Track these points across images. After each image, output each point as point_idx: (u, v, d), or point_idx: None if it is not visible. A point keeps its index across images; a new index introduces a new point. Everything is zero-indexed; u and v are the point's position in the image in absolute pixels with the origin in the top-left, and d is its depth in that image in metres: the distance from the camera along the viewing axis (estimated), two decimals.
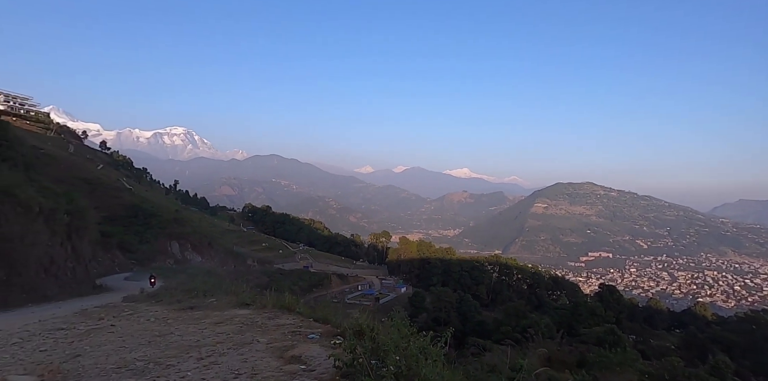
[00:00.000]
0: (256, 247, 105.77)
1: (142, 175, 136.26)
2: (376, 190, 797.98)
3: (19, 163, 28.41)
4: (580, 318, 54.33)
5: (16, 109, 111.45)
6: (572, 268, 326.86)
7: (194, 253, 72.68)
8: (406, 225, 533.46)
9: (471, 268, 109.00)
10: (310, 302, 12.10)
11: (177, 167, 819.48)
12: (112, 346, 6.69)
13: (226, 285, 16.79)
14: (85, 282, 24.16)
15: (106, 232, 47.80)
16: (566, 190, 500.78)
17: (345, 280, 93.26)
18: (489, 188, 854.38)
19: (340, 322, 7.31)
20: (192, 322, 8.42)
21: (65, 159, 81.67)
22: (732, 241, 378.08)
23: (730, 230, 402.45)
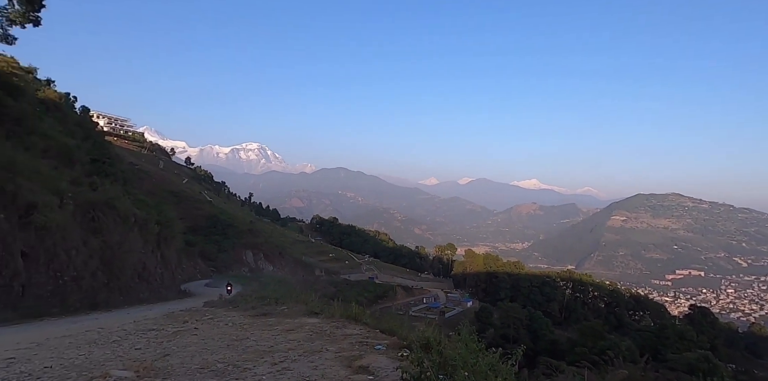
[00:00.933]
0: (324, 257, 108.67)
1: (220, 188, 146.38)
2: (440, 201, 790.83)
3: (118, 178, 31.83)
4: (667, 342, 49.59)
5: (116, 129, 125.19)
6: (656, 287, 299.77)
7: (266, 262, 76.37)
8: (472, 237, 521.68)
9: (541, 283, 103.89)
10: (375, 313, 12.23)
11: (251, 180, 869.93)
12: (196, 347, 7.21)
13: (296, 293, 17.40)
14: (172, 287, 26.25)
15: (190, 241, 51.74)
16: (648, 202, 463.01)
17: (410, 293, 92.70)
18: (560, 200, 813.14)
19: (406, 334, 7.32)
20: (266, 328, 8.85)
21: (156, 174, 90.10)
22: None
23: None
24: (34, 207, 13.42)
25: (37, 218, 13.46)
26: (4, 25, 19.57)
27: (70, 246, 15.58)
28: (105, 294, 17.48)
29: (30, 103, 23.57)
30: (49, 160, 18.61)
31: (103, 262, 17.89)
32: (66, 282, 15.08)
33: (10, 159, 14.24)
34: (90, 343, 7.69)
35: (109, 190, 21.25)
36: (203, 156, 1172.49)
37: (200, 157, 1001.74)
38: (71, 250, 15.63)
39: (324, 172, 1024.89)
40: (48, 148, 20.00)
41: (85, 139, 29.37)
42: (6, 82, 21.05)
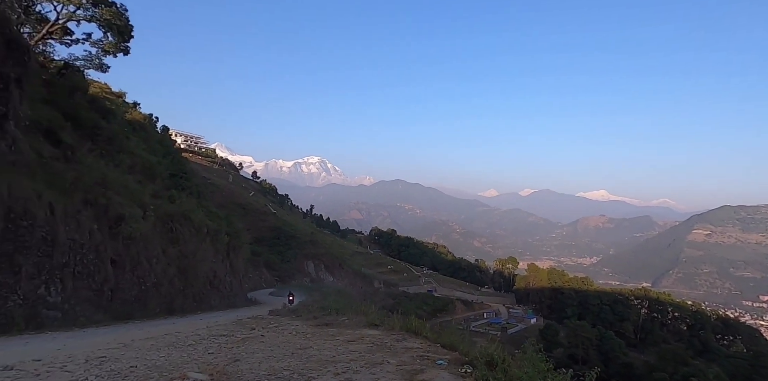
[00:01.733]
0: (382, 269, 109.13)
1: (284, 201, 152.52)
2: (501, 214, 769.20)
3: (193, 192, 34.25)
4: (763, 371, 44.24)
5: (192, 146, 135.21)
6: (749, 309, 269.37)
7: (327, 272, 78.06)
8: (535, 251, 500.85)
9: (613, 301, 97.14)
10: (435, 327, 12.06)
11: (312, 193, 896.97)
12: (263, 354, 7.51)
13: (356, 305, 17.60)
14: (239, 295, 27.57)
15: (255, 251, 54.16)
16: (736, 215, 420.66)
17: (469, 307, 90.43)
18: (632, 212, 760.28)
19: (468, 349, 7.15)
20: (328, 338, 9.02)
21: (226, 187, 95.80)
22: None
23: None
24: (122, 218, 14.76)
25: (124, 229, 14.78)
26: (100, 55, 22.06)
27: (151, 254, 16.92)
28: (181, 300, 18.73)
29: (119, 124, 26.16)
30: (135, 176, 20.45)
31: (180, 270, 19.22)
32: (148, 288, 16.35)
33: (102, 175, 15.83)
34: (169, 346, 8.25)
35: (185, 203, 22.92)
36: (268, 170, 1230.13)
37: (265, 171, 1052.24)
38: (152, 259, 16.97)
39: (382, 184, 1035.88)
40: (134, 164, 22.00)
41: (165, 156, 31.98)
42: (100, 106, 23.57)
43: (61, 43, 21.11)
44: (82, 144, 16.81)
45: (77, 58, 21.89)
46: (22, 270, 10.04)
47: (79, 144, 16.32)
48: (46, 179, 11.94)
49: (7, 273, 9.71)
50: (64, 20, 19.85)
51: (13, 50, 11.15)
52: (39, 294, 10.61)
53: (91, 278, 12.77)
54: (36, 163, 12.17)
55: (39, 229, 10.65)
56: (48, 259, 10.90)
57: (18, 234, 10.05)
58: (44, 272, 10.78)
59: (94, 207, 13.65)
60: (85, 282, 12.49)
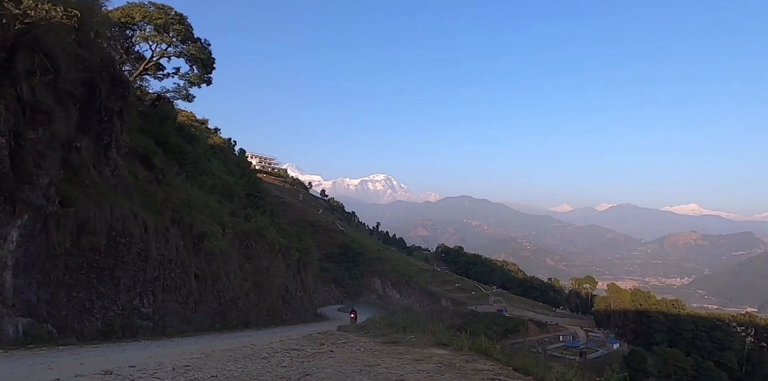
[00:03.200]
0: (449, 287, 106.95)
1: (351, 218, 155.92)
2: (575, 230, 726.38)
3: (266, 210, 36.20)
4: None
5: (265, 167, 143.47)
6: None
7: (393, 289, 78.04)
8: (615, 270, 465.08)
9: (710, 327, 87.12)
10: (506, 349, 11.54)
11: (378, 210, 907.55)
12: (332, 370, 7.63)
13: (423, 323, 17.37)
14: (309, 310, 28.36)
15: (324, 267, 55.63)
16: None
17: (543, 329, 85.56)
18: (730, 228, 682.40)
19: (543, 374, 6.78)
20: (395, 356, 8.97)
21: (296, 205, 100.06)
22: None
23: None
24: (205, 236, 15.93)
25: (206, 245, 15.93)
26: (186, 87, 24.41)
27: (229, 270, 18.01)
28: (255, 313, 19.64)
29: (202, 149, 28.51)
30: (215, 196, 22.07)
31: (255, 284, 20.23)
32: (226, 301, 17.37)
33: (188, 196, 17.27)
34: (245, 358, 8.66)
35: (259, 221, 24.27)
36: (336, 188, 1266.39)
37: (333, 189, 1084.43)
38: (230, 274, 18.04)
39: (448, 200, 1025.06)
40: (214, 185, 23.78)
41: (242, 177, 34.24)
42: (186, 133, 25.94)
43: (155, 78, 23.70)
44: (171, 167, 18.52)
45: (168, 90, 24.43)
46: (120, 283, 11.16)
47: (168, 167, 18.00)
48: (140, 200, 13.28)
49: (109, 285, 10.82)
50: (157, 57, 22.31)
51: (116, 86, 12.69)
52: (134, 305, 11.68)
53: (178, 291, 13.84)
54: (133, 185, 13.58)
55: (135, 245, 11.81)
56: (142, 272, 12.02)
57: (118, 250, 11.21)
58: (139, 285, 11.88)
59: (180, 225, 14.89)
60: (173, 295, 13.56)
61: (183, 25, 21.50)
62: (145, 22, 20.71)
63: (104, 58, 12.29)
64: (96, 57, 11.63)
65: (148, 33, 21.10)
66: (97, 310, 10.50)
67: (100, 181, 11.67)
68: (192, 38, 22.27)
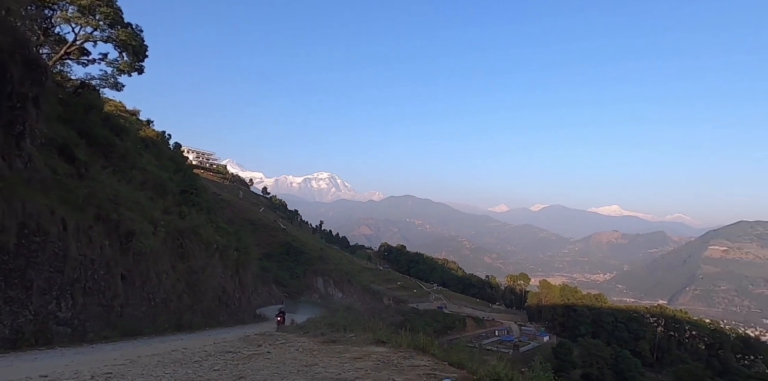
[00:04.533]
0: (391, 285, 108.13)
1: (293, 217, 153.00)
2: (511, 229, 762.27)
3: (203, 208, 34.57)
4: None
5: (203, 162, 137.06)
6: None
7: (336, 288, 77.60)
8: (546, 267, 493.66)
9: (628, 319, 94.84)
10: (444, 345, 11.87)
11: (322, 209, 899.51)
12: (269, 371, 7.45)
13: (364, 321, 17.44)
14: (248, 311, 27.49)
15: (265, 267, 54.16)
16: (754, 230, 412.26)
17: (480, 324, 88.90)
18: (646, 228, 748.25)
19: (476, 368, 7.03)
20: (334, 355, 8.93)
21: (236, 203, 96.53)
22: None
23: None
24: (133, 234, 14.93)
25: (135, 244, 14.94)
26: (115, 75, 22.70)
27: (161, 270, 17.02)
28: (189, 316, 18.72)
29: (133, 142, 26.69)
30: (146, 192, 20.74)
31: (189, 285, 19.27)
32: (157, 303, 16.39)
33: (115, 191, 16.10)
34: (175, 362, 8.23)
35: (195, 219, 23.13)
36: (278, 186, 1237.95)
37: (276, 187, 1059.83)
38: (162, 274, 17.06)
39: (392, 199, 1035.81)
40: (146, 180, 22.35)
41: (177, 172, 32.43)
42: (114, 124, 24.12)
43: (78, 63, 21.78)
44: (96, 161, 17.17)
45: (93, 77, 22.53)
46: (33, 285, 10.16)
47: (92, 161, 16.66)
48: (59, 195, 12.17)
49: (19, 288, 9.83)
50: (81, 41, 20.52)
51: (31, 70, 11.53)
52: (50, 309, 10.69)
53: (101, 294, 12.86)
54: (50, 180, 12.43)
55: (51, 244, 10.81)
56: (59, 274, 11.03)
57: (31, 249, 10.21)
58: (55, 288, 10.89)
59: (105, 223, 13.84)
60: (96, 298, 12.57)
61: (111, 7, 19.89)
62: (67, 2, 18.97)
63: (17, 39, 11.13)
64: (7, 37, 10.51)
65: (70, 14, 19.32)
66: (4, 316, 9.51)
67: (11, 174, 10.57)
68: (122, 23, 20.69)
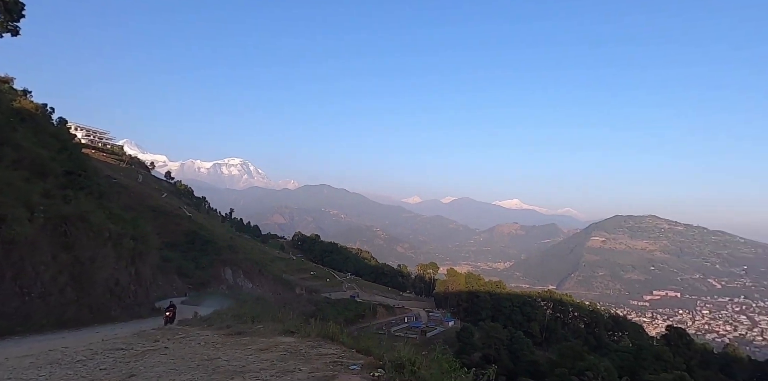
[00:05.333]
0: (305, 275, 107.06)
1: (201, 204, 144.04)
2: (423, 220, 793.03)
3: (94, 192, 31.03)
4: (644, 363, 49.90)
5: (95, 142, 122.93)
6: (635, 308, 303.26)
7: (246, 279, 74.79)
8: (454, 256, 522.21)
9: (522, 303, 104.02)
10: (354, 333, 12.03)
11: (233, 196, 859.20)
12: (164, 367, 6.97)
13: (273, 312, 17.07)
14: (145, 304, 25.43)
15: (167, 257, 50.47)
16: (626, 224, 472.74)
17: (391, 312, 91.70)
18: (541, 220, 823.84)
19: (383, 354, 7.21)
20: (239, 347, 8.61)
21: (134, 188, 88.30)
22: None
23: None
24: (2, 220, 12.99)
25: (6, 232, 13.01)
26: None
27: (38, 261, 15.06)
28: (74, 311, 16.84)
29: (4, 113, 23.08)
30: (21, 172, 18.12)
31: (74, 277, 17.29)
32: (33, 298, 14.51)
33: None
34: (52, 363, 7.37)
35: (83, 204, 20.70)
36: (184, 171, 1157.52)
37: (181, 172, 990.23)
38: (39, 266, 15.10)
39: (307, 188, 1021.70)
40: (20, 159, 19.51)
41: (61, 151, 28.71)
42: None
43: None
44: None
45: None
46: None
47: None
48: None
49: None
50: None
51: None
52: None
53: None
54: None
55: None
56: None
57: None
58: None
59: None
60: None
61: None
62: None
63: None
64: None
65: None
66: None
67: None
68: None
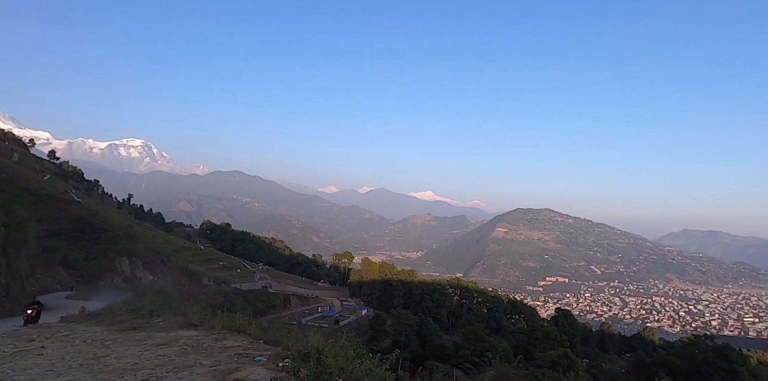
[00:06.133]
0: (213, 265, 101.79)
1: (93, 188, 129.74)
2: (340, 210, 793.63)
3: None
4: (536, 342, 55.03)
5: None
6: (531, 293, 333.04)
7: (145, 271, 69.19)
8: (370, 246, 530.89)
9: (432, 290, 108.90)
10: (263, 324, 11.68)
11: (133, 180, 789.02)
12: (39, 369, 6.17)
13: (176, 305, 16.04)
14: (20, 300, 22.44)
15: (49, 246, 45.01)
16: (526, 216, 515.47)
17: (305, 302, 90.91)
18: (452, 212, 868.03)
19: (292, 344, 7.08)
20: (132, 343, 7.91)
21: (7, 167, 76.86)
22: (677, 268, 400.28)
23: (675, 258, 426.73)
24: None
25: None
26: None
27: None
28: None
29: None
30: None
31: None
32: None
33: None
34: None
35: None
36: (73, 150, 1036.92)
37: (69, 152, 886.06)
38: None
39: (218, 174, 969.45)
40: None
41: None
42: None
43: None
44: None
45: None
46: None
47: None
48: None
49: None
50: None
51: None
52: None
53: None
54: None
55: None
56: None
57: None
58: None
59: None
60: None
61: None
62: None
63: None
64: None
65: None
66: None
67: None
68: None
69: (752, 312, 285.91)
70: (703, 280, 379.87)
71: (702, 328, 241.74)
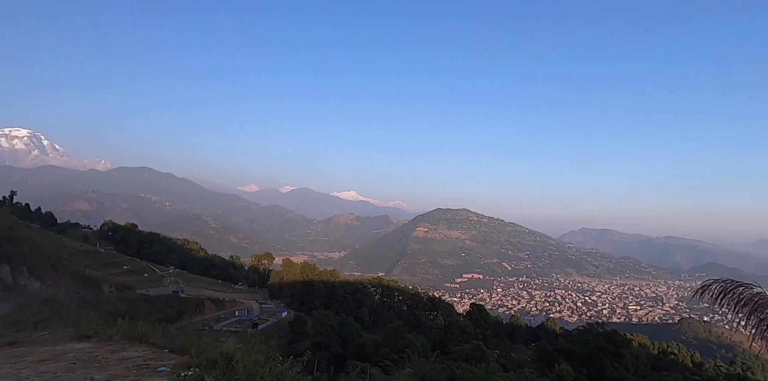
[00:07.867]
0: (116, 270, 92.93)
1: None
2: (260, 209, 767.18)
3: None
4: (452, 336, 57.37)
5: None
6: (448, 289, 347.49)
7: (32, 277, 61.36)
8: (291, 247, 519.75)
9: (354, 290, 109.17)
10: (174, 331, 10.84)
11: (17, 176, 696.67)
12: None
13: (67, 315, 14.41)
14: None
15: None
16: (445, 216, 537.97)
17: (221, 306, 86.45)
18: (375, 211, 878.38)
19: (200, 352, 6.64)
20: (8, 360, 6.92)
21: None
22: (575, 263, 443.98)
23: (574, 254, 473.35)
24: None
25: None
26: None
27: None
28: None
29: None
30: None
31: None
32: None
33: None
34: None
35: None
36: None
37: None
38: None
39: (123, 171, 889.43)
40: None
41: None
42: None
43: None
44: None
45: None
46: None
47: None
48: None
49: None
50: None
51: None
52: None
53: None
54: None
55: None
56: None
57: None
58: None
59: None
60: None
61: None
62: None
63: None
64: None
65: None
66: None
67: None
68: None
69: (635, 301, 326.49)
70: (596, 273, 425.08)
71: (595, 316, 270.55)
